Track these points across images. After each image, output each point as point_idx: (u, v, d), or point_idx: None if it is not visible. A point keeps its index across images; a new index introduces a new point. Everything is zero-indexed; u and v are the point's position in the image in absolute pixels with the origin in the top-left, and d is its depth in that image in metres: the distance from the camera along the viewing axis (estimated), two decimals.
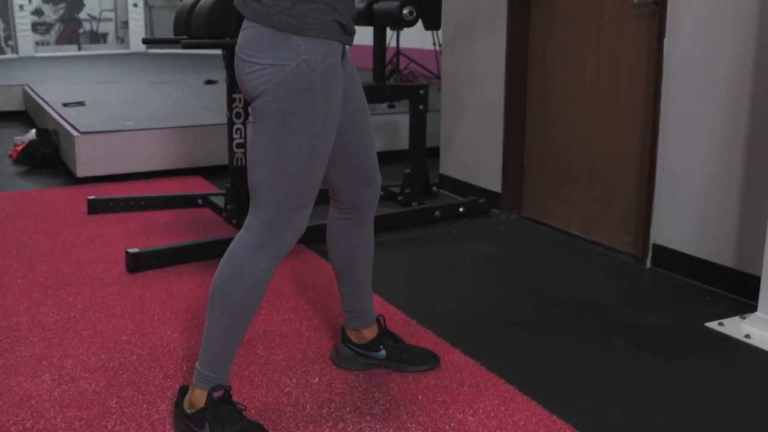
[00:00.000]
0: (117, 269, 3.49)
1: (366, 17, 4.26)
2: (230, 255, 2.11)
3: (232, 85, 3.97)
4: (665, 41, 3.41)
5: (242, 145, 4.04)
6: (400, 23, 4.06)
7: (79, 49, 13.92)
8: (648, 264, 3.61)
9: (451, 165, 4.90)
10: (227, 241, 3.65)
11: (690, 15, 3.31)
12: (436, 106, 5.17)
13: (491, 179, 4.53)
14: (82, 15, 14.24)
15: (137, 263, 3.45)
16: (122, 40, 14.32)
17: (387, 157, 5.52)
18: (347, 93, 2.23)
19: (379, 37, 4.35)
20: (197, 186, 5.07)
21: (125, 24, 14.05)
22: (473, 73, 4.59)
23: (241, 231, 2.12)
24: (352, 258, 2.45)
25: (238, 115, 4.01)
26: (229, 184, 4.11)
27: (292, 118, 2.00)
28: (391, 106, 4.53)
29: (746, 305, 3.13)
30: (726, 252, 3.28)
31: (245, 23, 2.07)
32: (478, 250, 3.87)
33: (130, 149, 5.21)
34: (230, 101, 4.00)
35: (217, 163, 5.31)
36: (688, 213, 3.42)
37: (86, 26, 14.28)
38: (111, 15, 14.40)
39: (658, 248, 3.57)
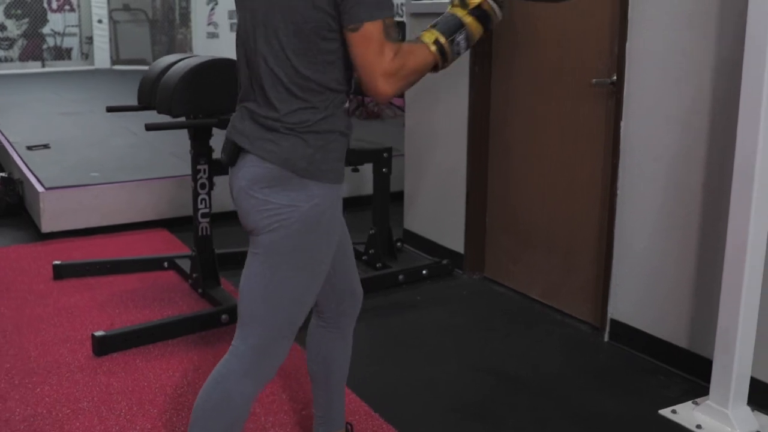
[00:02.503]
0: (83, 351, 3.52)
1: None
2: (218, 379, 2.14)
3: (197, 157, 4.01)
4: (622, 124, 3.49)
5: (207, 215, 4.08)
6: (359, 92, 4.11)
7: (43, 65, 13.86)
8: (606, 337, 3.70)
9: (415, 222, 4.98)
10: (191, 319, 3.76)
11: (646, 99, 3.40)
12: (401, 149, 5.22)
13: (454, 239, 4.60)
14: (46, 30, 14.17)
15: (103, 347, 3.48)
16: (87, 56, 14.26)
17: (351, 204, 5.55)
18: None
19: None
20: (163, 241, 5.10)
21: (90, 39, 14.01)
22: (436, 134, 4.67)
23: (228, 355, 2.15)
24: (328, 364, 2.51)
25: (203, 186, 4.05)
26: (194, 253, 4.15)
27: (299, 254, 2.08)
28: (355, 170, 4.58)
29: (699, 387, 3.23)
30: (679, 333, 3.38)
31: (253, 160, 2.06)
32: (441, 321, 3.95)
33: (95, 204, 5.23)
34: (195, 172, 4.03)
35: (182, 215, 5.33)
36: (644, 291, 3.52)
37: (50, 41, 14.20)
38: (75, 30, 14.34)
39: (615, 323, 3.66)
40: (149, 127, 3.70)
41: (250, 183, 2.08)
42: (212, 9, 13.33)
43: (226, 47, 12.61)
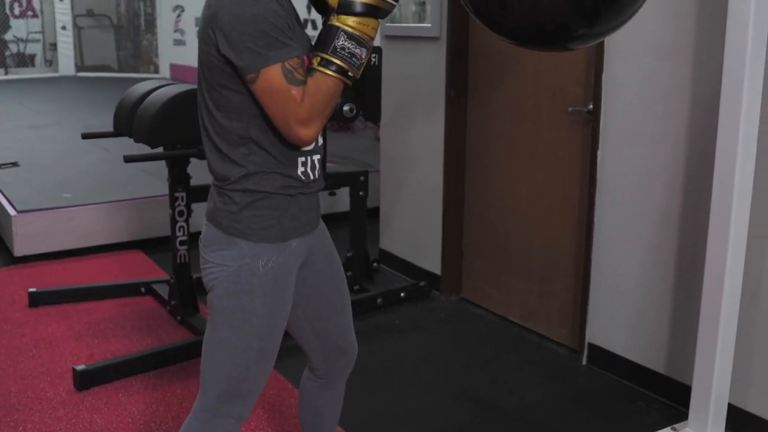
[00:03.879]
0: (64, 385, 3.49)
1: None
2: None
3: (175, 185, 4.00)
4: (599, 153, 3.54)
5: (185, 242, 4.07)
6: (340, 119, 4.12)
7: (6, 73, 13.68)
8: (584, 361, 3.75)
9: (391, 242, 5.00)
10: (172, 350, 3.74)
11: (622, 128, 3.44)
12: (371, 163, 5.22)
13: (431, 261, 4.63)
14: (9, 37, 13.98)
15: (85, 381, 3.45)
16: (51, 63, 14.10)
17: (326, 221, 5.58)
18: (320, 275, 2.25)
19: (321, 136, 4.41)
20: (138, 265, 5.08)
21: (54, 46, 13.86)
22: (412, 157, 4.69)
23: (191, 413, 2.17)
24: (318, 417, 2.50)
25: (180, 213, 4.04)
26: (173, 281, 4.14)
27: (230, 315, 2.05)
28: (332, 194, 4.60)
29: (678, 412, 3.28)
30: (658, 359, 3.44)
31: (205, 218, 2.12)
32: (420, 346, 3.98)
33: (68, 226, 5.19)
34: (173, 200, 4.02)
35: (157, 235, 5.33)
36: (622, 317, 3.57)
37: (13, 48, 14.02)
38: (39, 36, 14.17)
39: (593, 347, 3.71)
40: (128, 159, 3.68)
41: (200, 242, 2.12)
42: (179, 16, 13.23)
43: (192, 55, 12.54)
